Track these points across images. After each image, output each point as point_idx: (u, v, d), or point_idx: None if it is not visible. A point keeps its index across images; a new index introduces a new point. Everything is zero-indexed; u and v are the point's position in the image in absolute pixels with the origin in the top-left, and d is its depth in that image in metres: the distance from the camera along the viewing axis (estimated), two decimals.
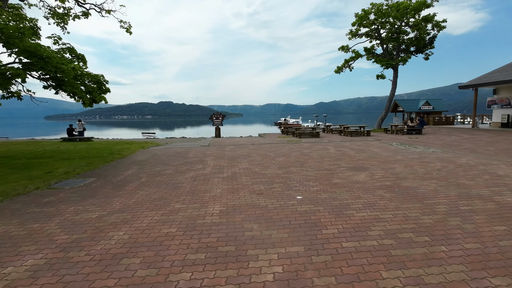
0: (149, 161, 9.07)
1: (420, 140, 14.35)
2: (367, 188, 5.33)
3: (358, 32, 22.01)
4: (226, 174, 6.90)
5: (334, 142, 14.26)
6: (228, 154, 10.47)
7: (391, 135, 17.92)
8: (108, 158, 9.74)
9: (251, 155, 10.06)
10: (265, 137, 19.94)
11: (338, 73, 25.21)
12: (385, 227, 3.55)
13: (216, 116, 22.90)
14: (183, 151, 11.67)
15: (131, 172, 7.39)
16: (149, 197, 5.05)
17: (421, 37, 20.40)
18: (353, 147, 11.68)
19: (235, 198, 4.90)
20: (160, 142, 20.21)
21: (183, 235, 3.42)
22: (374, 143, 13.36)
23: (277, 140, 16.01)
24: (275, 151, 10.96)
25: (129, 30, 11.98)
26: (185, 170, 7.43)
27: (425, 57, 22.30)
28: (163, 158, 9.75)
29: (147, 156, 10.39)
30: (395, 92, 22.26)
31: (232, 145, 13.69)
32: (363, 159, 8.60)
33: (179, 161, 8.93)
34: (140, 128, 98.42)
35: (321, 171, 7.00)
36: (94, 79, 9.52)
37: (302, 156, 9.43)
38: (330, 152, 10.29)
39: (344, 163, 7.96)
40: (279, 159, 8.99)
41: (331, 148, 11.61)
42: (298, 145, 12.81)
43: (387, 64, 20.72)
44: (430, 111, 26.49)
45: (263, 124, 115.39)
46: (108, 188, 5.72)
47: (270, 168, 7.51)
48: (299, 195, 4.95)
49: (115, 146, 14.00)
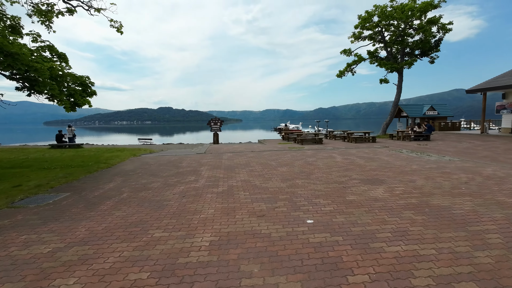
0: (137, 172, 8.14)
1: (431, 147, 13.47)
2: (391, 208, 4.40)
3: (361, 35, 21.29)
4: (222, 188, 5.97)
5: (339, 149, 13.36)
6: (225, 163, 9.55)
7: (397, 142, 17.05)
8: (92, 167, 8.80)
9: (251, 164, 9.15)
10: (265, 143, 19.04)
11: (340, 77, 24.48)
12: (432, 271, 2.61)
13: (214, 121, 22.03)
14: (177, 159, 10.75)
15: (113, 185, 6.45)
16: (125, 220, 4.11)
17: (426, 40, 19.72)
18: (361, 155, 10.78)
19: (230, 222, 3.97)
20: (155, 148, 19.29)
21: (156, 285, 2.48)
22: (382, 150, 12.47)
23: (278, 147, 15.10)
24: (277, 159, 10.04)
25: (120, 30, 11.17)
26: (175, 183, 6.50)
27: (431, 61, 21.57)
28: (153, 167, 8.82)
29: (137, 165, 9.46)
30: (400, 96, 21.46)
31: (230, 152, 12.78)
32: (376, 169, 7.69)
33: (170, 172, 8.00)
34: (139, 133, 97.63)
35: (331, 184, 6.08)
36: (78, 81, 8.65)
37: (306, 166, 8.52)
38: (337, 161, 9.38)
39: (355, 174, 7.05)
40: (282, 169, 8.07)
41: (337, 156, 10.71)
42: (301, 153, 11.90)
43: (391, 68, 19.96)
44: (435, 116, 25.68)
45: (263, 129, 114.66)
46: (79, 207, 4.78)
47: (272, 180, 6.59)
48: (310, 218, 4.02)
49: (104, 153, 13.07)
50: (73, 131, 16.53)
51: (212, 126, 22.11)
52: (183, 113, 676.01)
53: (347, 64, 23.16)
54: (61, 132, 16.02)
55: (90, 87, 9.15)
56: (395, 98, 21.70)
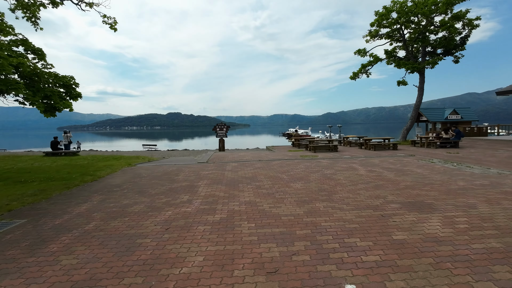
0: (123, 187, 6.87)
1: (465, 156, 11.75)
2: (469, 260, 2.91)
3: (378, 33, 19.70)
4: (219, 215, 4.59)
5: (358, 158, 11.81)
6: (228, 175, 8.19)
7: (422, 149, 15.31)
8: (74, 181, 7.60)
9: (258, 177, 7.76)
10: (274, 150, 17.61)
11: (354, 79, 22.92)
12: None
13: (220, 127, 20.79)
14: (174, 170, 9.47)
15: (86, 207, 5.17)
16: (69, 277, 2.77)
17: (450, 37, 17.98)
18: (386, 166, 9.23)
19: (224, 285, 2.57)
20: (156, 156, 18.15)
21: None
22: (409, 160, 10.86)
23: (289, 155, 13.66)
24: (289, 171, 8.61)
25: (114, 27, 10.10)
26: (162, 206, 5.17)
27: (455, 60, 19.74)
28: (144, 181, 7.55)
29: (127, 177, 8.22)
30: (422, 99, 19.62)
31: (235, 161, 11.43)
32: (414, 187, 6.16)
33: (162, 187, 6.69)
34: (148, 139, 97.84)
35: (363, 210, 4.62)
36: (61, 81, 7.53)
37: (325, 181, 7.06)
38: (360, 174, 7.88)
39: (390, 195, 5.55)
40: (296, 185, 6.64)
41: (359, 167, 9.19)
42: (316, 163, 10.43)
43: (412, 68, 18.24)
44: (458, 120, 23.72)
45: (270, 134, 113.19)
46: (21, 246, 3.49)
47: (284, 202, 5.17)
48: (349, 281, 2.58)
49: (98, 162, 11.94)
50: (69, 138, 15.54)
51: (218, 132, 20.90)
52: (192, 119, 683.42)
53: (362, 65, 21.58)
54: (57, 139, 15.03)
55: (75, 88, 8.02)
56: (416, 101, 19.89)
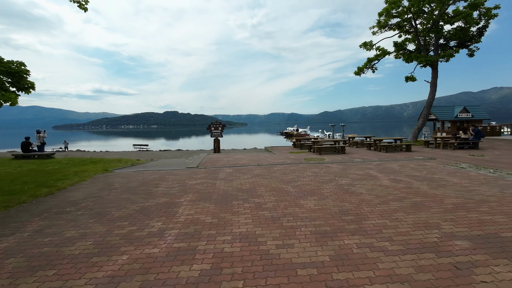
0: (80, 205, 5.23)
1: (494, 160, 10.27)
2: None
3: (388, 23, 18.08)
4: (199, 265, 2.97)
5: (371, 161, 10.26)
6: (221, 186, 6.58)
7: (437, 150, 13.83)
8: (23, 195, 5.94)
9: (257, 189, 6.16)
10: (274, 152, 16.00)
11: (359, 75, 21.38)
12: None
13: (215, 126, 19.13)
14: (156, 178, 7.84)
15: (6, 244, 3.54)
16: None
17: (467, 28, 16.47)
18: (411, 173, 7.68)
19: None
20: (143, 158, 16.45)
21: None
22: (432, 164, 9.34)
23: (291, 158, 12.07)
24: (294, 180, 7.02)
25: (84, 6, 8.43)
26: (119, 242, 3.54)
27: (469, 53, 18.26)
28: (112, 196, 5.91)
29: (93, 189, 6.57)
30: (434, 95, 18.11)
31: (230, 166, 9.81)
32: (467, 207, 4.60)
33: (130, 207, 5.06)
34: (145, 137, 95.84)
35: (420, 253, 3.03)
36: (3, 68, 5.85)
37: (344, 196, 5.47)
38: (385, 186, 6.31)
39: (442, 220, 3.97)
40: (308, 202, 5.05)
41: (378, 174, 7.62)
42: (325, 168, 8.85)
43: (426, 61, 16.69)
44: (469, 119, 22.33)
45: (268, 133, 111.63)
46: None
47: (297, 237, 3.57)
48: None
49: (70, 168, 10.24)
50: (43, 138, 13.73)
51: (213, 132, 19.25)
52: (189, 117, 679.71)
53: (368, 60, 20.01)
54: (28, 140, 13.23)
55: (25, 77, 6.34)
56: (429, 98, 18.33)
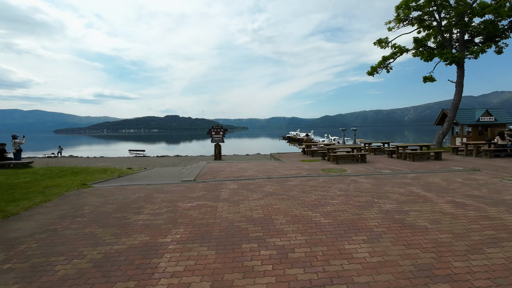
0: (18, 249, 3.52)
1: None
2: None
3: (408, 16, 16.43)
4: None
5: (404, 173, 8.52)
6: (224, 214, 4.86)
7: (471, 159, 12.08)
8: None
9: (275, 220, 4.43)
10: (283, 160, 14.25)
11: (372, 75, 19.75)
12: None
13: (215, 130, 17.49)
14: (141, 197, 6.13)
15: None
16: None
17: (497, 21, 14.85)
18: (467, 192, 5.94)
19: None
20: (138, 166, 14.74)
21: None
22: (482, 178, 7.60)
23: (306, 169, 10.34)
24: (322, 204, 5.27)
25: None
26: None
27: (497, 50, 16.59)
28: (71, 230, 4.19)
29: (52, 217, 4.86)
30: (461, 97, 16.40)
31: (234, 179, 8.09)
32: None
33: (89, 255, 3.34)
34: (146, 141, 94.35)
35: None
36: None
37: (407, 235, 3.73)
38: (450, 213, 4.56)
39: None
40: (358, 249, 3.32)
41: (428, 194, 5.87)
42: (353, 184, 7.11)
43: (452, 58, 15.01)
44: (491, 123, 20.61)
45: (269, 137, 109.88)
46: None
47: None
48: None
49: (43, 181, 8.55)
50: (19, 145, 12.05)
51: (214, 136, 17.60)
52: (190, 121, 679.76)
53: (383, 58, 18.35)
54: (4, 147, 11.56)
55: None
56: (455, 100, 16.55)
